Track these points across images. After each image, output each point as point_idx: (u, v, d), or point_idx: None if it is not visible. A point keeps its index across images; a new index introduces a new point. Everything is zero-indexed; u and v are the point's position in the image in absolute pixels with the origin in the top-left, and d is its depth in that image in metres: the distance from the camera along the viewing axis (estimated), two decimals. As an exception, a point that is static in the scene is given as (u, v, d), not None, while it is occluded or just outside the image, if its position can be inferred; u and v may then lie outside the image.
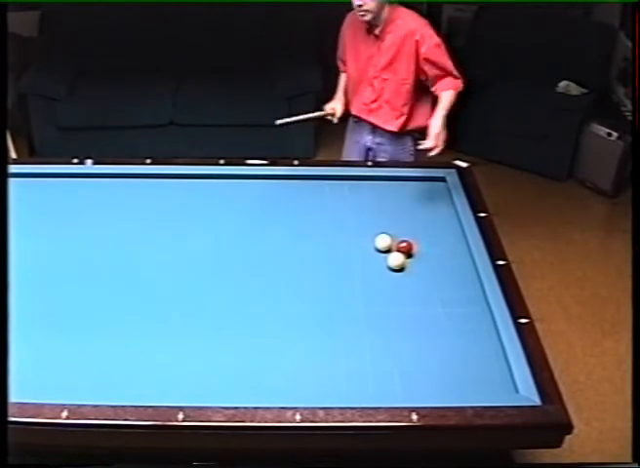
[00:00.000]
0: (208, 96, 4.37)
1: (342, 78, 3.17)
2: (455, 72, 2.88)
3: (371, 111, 3.03)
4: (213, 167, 2.91)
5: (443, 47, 2.85)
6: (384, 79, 2.93)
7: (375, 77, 2.95)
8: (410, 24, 2.84)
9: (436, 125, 2.77)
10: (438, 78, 2.87)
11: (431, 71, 2.86)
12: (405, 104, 2.95)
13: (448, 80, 2.87)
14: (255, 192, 2.81)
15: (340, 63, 3.17)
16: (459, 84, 2.89)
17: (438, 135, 2.76)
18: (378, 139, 3.09)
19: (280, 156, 3.03)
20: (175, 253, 2.46)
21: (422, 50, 2.82)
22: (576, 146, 4.39)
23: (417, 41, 2.81)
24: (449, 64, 2.86)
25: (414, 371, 2.02)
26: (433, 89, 2.90)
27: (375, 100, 2.99)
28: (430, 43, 2.82)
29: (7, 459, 1.41)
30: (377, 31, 2.86)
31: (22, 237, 2.03)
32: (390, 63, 2.89)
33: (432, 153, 2.78)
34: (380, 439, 1.88)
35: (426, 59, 2.84)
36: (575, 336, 3.27)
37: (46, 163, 2.99)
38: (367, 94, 3.00)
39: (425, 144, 2.77)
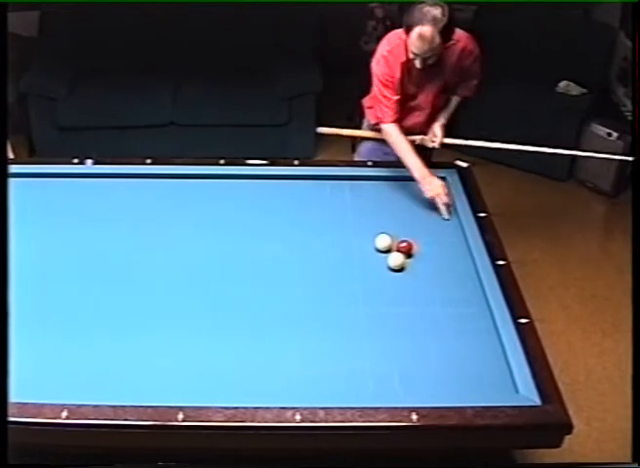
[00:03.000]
0: (208, 96, 4.37)
1: (403, 137, 2.80)
2: (477, 77, 2.94)
3: (421, 130, 2.99)
4: (213, 167, 2.91)
5: (480, 57, 2.89)
6: (437, 102, 2.92)
7: (428, 103, 2.91)
8: (460, 41, 2.76)
9: (437, 130, 2.93)
10: (460, 82, 2.93)
11: (462, 77, 2.91)
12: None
13: (465, 85, 2.95)
14: (255, 192, 2.81)
15: (393, 120, 2.80)
16: (472, 91, 2.98)
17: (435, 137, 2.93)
18: None
19: (280, 156, 3.03)
20: (175, 254, 2.47)
21: (467, 61, 2.84)
22: (576, 146, 4.38)
23: (467, 56, 2.81)
24: (478, 70, 2.92)
25: (414, 371, 2.02)
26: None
27: (426, 122, 2.97)
28: (474, 55, 2.84)
29: (7, 459, 1.41)
30: (432, 62, 2.67)
31: (23, 237, 2.04)
32: (445, 86, 2.88)
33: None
34: (380, 439, 1.88)
35: (466, 70, 2.86)
36: (575, 336, 3.27)
37: (46, 163, 2.99)
38: (415, 117, 2.94)
39: (434, 144, 2.95)
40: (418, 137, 2.95)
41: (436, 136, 2.93)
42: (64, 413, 1.82)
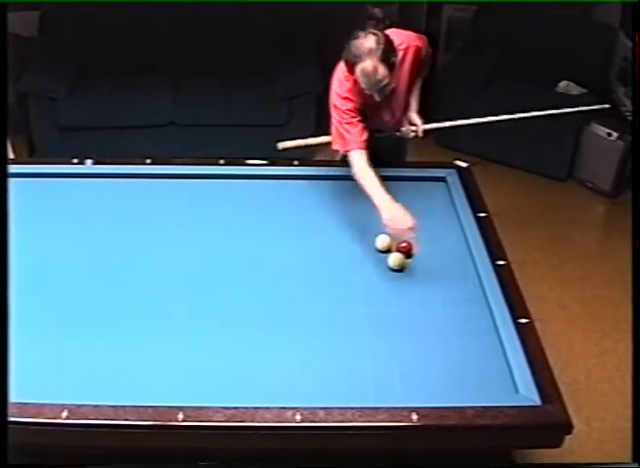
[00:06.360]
0: (208, 96, 4.37)
1: (370, 168, 2.53)
2: (430, 58, 2.91)
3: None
4: (213, 167, 2.91)
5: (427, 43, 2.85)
6: (408, 96, 2.87)
7: (399, 113, 2.87)
8: (411, 47, 2.71)
9: (414, 118, 2.88)
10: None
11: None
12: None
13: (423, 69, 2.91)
14: (255, 192, 2.81)
15: (359, 146, 2.59)
16: (425, 71, 2.92)
17: (413, 125, 2.88)
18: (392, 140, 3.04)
19: (280, 156, 3.03)
20: (174, 253, 2.47)
21: (424, 55, 2.80)
22: (576, 146, 4.39)
23: (419, 54, 2.76)
24: (430, 54, 2.89)
25: (414, 371, 2.02)
26: None
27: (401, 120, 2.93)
28: (425, 47, 2.80)
29: (7, 459, 1.41)
30: (392, 86, 2.62)
31: (22, 237, 2.04)
32: (409, 89, 2.83)
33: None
34: (380, 439, 1.88)
35: (424, 61, 2.85)
36: (575, 336, 3.27)
37: (46, 163, 2.99)
38: (398, 114, 2.90)
39: (417, 133, 2.89)
40: (397, 133, 2.92)
41: (417, 126, 2.89)
42: (64, 413, 1.82)
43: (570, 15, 4.65)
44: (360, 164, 2.55)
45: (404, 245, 2.47)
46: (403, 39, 2.67)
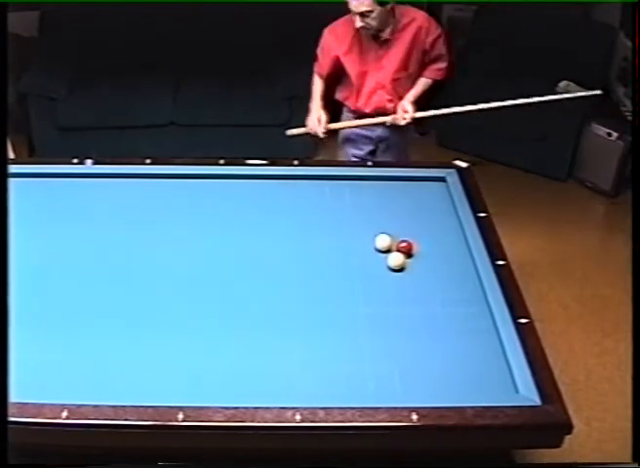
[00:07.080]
0: (208, 96, 4.37)
1: (319, 85, 3.15)
2: (444, 60, 3.03)
3: (387, 110, 3.06)
4: (213, 167, 2.91)
5: (443, 37, 2.99)
6: (397, 79, 2.98)
7: (387, 80, 2.99)
8: (417, 20, 2.91)
9: (407, 105, 3.00)
10: (426, 64, 3.02)
11: (425, 58, 3.00)
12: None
13: (433, 68, 3.04)
14: (255, 192, 2.81)
15: (319, 74, 3.15)
16: (442, 73, 3.06)
17: (405, 112, 3.01)
18: (388, 130, 3.14)
19: (280, 156, 3.03)
20: (174, 253, 2.46)
21: (428, 39, 2.93)
22: (576, 146, 4.39)
23: (425, 34, 2.92)
24: (444, 53, 3.01)
25: (414, 371, 2.02)
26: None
27: (390, 101, 3.04)
28: (434, 35, 2.94)
29: (7, 459, 1.41)
30: (384, 36, 2.89)
31: (22, 237, 2.04)
32: (403, 64, 2.95)
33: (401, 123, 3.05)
34: (380, 439, 1.88)
35: (427, 50, 2.96)
36: (575, 336, 3.27)
37: (46, 163, 2.98)
38: (378, 96, 3.04)
39: (406, 120, 3.02)
40: (389, 118, 3.04)
41: (407, 112, 3.00)
42: (64, 413, 1.82)
43: (570, 15, 4.65)
44: (314, 80, 3.18)
45: (404, 245, 2.47)
46: (412, 13, 2.92)
